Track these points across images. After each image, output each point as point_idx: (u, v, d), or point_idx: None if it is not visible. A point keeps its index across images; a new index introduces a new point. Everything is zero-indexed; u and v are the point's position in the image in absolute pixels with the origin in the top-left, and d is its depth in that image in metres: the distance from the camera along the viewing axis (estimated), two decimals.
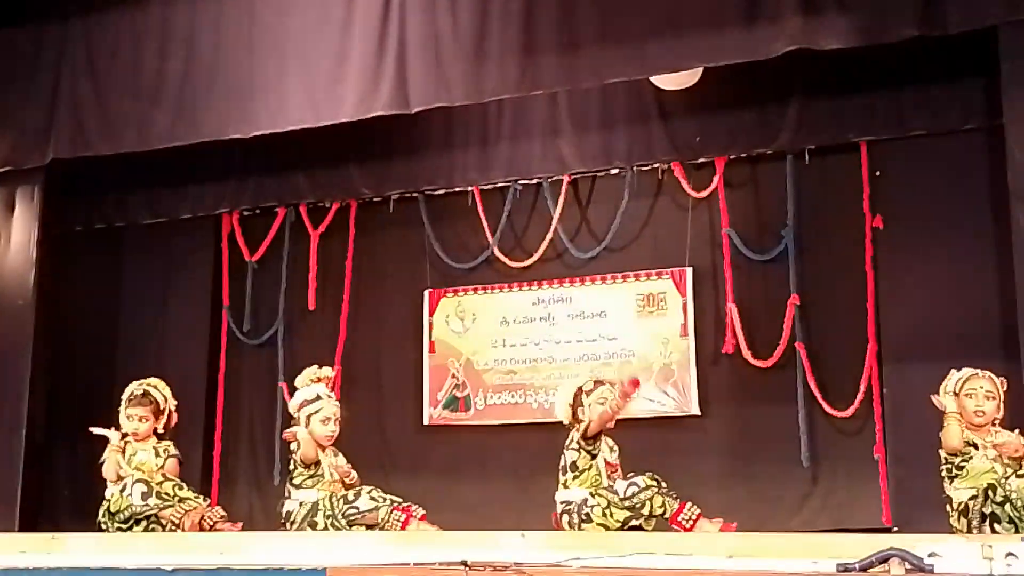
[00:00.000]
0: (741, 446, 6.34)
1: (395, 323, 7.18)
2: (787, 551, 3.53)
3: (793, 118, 6.15)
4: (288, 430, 5.10)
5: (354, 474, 5.07)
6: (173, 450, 5.26)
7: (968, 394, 4.58)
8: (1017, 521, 4.28)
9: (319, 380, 5.16)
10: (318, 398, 5.06)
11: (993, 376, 4.64)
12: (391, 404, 7.10)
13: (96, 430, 5.17)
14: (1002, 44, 5.13)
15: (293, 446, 5.01)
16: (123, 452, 5.14)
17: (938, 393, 4.69)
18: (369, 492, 4.90)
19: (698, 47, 5.19)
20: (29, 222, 6.59)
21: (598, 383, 5.03)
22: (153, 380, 5.37)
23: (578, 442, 4.81)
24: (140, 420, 5.19)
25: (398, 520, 4.75)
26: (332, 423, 5.03)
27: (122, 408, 5.26)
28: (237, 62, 5.89)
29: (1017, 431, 4.58)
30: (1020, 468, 4.42)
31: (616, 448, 4.96)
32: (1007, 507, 4.30)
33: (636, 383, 4.84)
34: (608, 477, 4.79)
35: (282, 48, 5.80)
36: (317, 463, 4.96)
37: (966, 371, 4.67)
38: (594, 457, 4.82)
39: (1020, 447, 4.47)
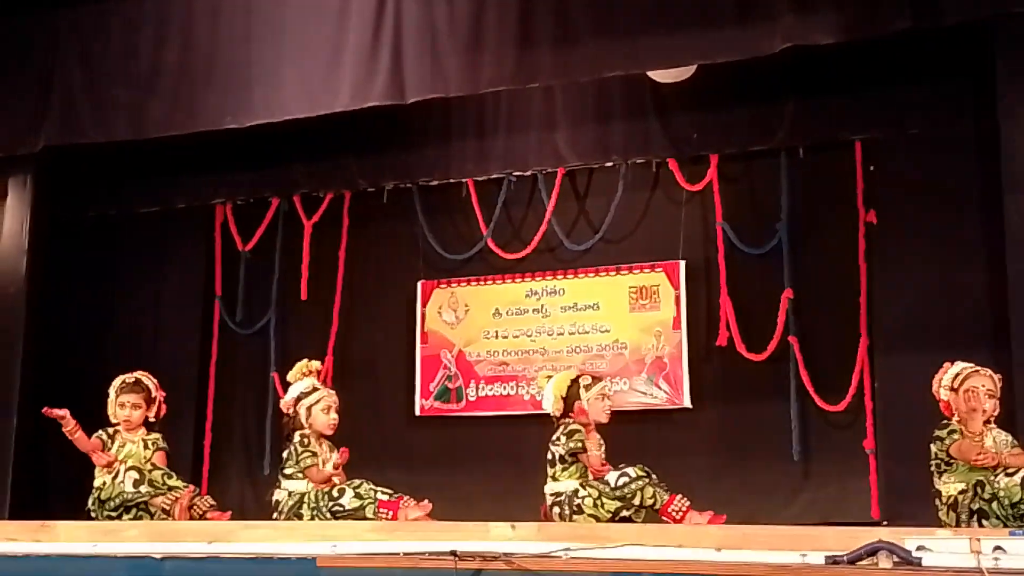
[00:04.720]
0: (733, 439, 6.36)
1: (388, 314, 7.18)
2: (776, 543, 3.52)
3: (789, 116, 6.17)
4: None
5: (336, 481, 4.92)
6: (162, 443, 5.22)
7: (969, 390, 4.54)
8: (1005, 519, 4.28)
9: (310, 373, 5.13)
10: (314, 389, 5.00)
11: (992, 373, 4.59)
12: (383, 395, 7.10)
13: (50, 412, 5.02)
14: (997, 38, 5.13)
15: (299, 450, 4.90)
16: (111, 442, 5.11)
17: (931, 386, 4.67)
18: (356, 488, 4.75)
19: (693, 43, 5.20)
20: (21, 210, 6.58)
21: (596, 378, 5.00)
22: (140, 372, 5.33)
23: (565, 437, 4.77)
24: (133, 407, 5.14)
25: (385, 517, 4.69)
26: (333, 411, 4.97)
27: (112, 398, 5.22)
28: (234, 52, 5.86)
29: (1011, 439, 4.55)
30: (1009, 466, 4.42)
31: (602, 443, 4.91)
32: (995, 504, 4.30)
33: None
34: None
35: (279, 38, 5.78)
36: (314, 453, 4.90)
37: (963, 366, 4.60)
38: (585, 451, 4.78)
39: (996, 459, 4.41)
